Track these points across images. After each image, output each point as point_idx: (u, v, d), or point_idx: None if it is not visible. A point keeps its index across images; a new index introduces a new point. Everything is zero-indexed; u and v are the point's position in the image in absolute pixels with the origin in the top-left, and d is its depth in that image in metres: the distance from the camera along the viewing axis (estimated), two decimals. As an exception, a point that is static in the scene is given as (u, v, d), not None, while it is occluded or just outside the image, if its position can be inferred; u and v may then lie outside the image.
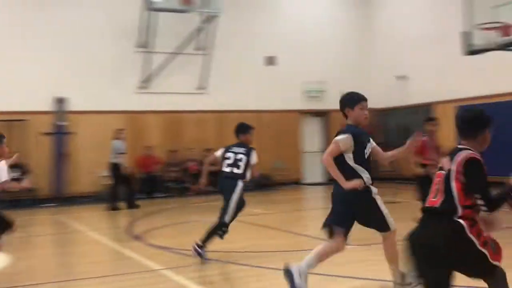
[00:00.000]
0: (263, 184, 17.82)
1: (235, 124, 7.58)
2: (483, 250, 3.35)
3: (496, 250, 3.46)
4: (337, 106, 5.22)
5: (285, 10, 19.46)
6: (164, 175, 16.80)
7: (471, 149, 3.51)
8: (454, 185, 3.41)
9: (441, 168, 3.57)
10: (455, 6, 13.55)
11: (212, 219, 11.21)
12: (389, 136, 19.69)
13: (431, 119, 9.23)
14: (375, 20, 20.43)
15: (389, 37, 19.68)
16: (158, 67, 17.09)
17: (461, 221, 3.35)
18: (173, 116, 17.49)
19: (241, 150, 7.28)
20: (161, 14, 16.51)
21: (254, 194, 16.40)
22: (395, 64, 19.34)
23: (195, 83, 17.72)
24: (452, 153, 3.54)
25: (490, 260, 3.39)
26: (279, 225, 9.66)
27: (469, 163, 3.41)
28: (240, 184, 7.09)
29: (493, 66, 15.40)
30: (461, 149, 3.51)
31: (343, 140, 4.82)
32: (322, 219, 5.13)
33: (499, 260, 3.46)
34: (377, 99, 20.17)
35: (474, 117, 3.57)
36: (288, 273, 4.90)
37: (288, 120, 19.15)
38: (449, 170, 3.45)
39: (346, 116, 5.08)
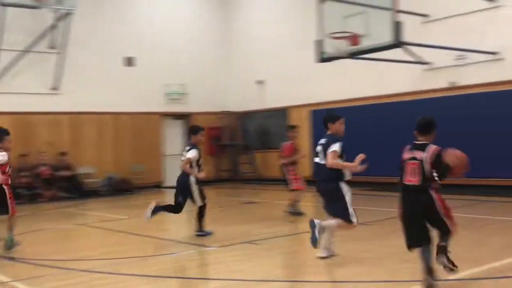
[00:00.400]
0: (122, 188, 17.37)
1: (91, 126, 7.42)
2: (443, 212, 5.02)
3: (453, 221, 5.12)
4: (198, 108, 5.30)
5: (145, 11, 19.13)
6: (14, 180, 15.65)
7: (430, 143, 5.18)
8: (428, 168, 5.01)
9: (412, 158, 5.14)
10: (311, 14, 14.22)
11: (65, 226, 10.66)
12: (249, 138, 20.18)
13: (293, 127, 10.98)
14: (235, 24, 20.82)
15: (249, 41, 20.16)
16: (7, 65, 15.93)
17: (432, 192, 5.01)
18: (23, 118, 16.37)
19: (187, 148, 8.47)
20: (11, 9, 15.42)
21: (114, 199, 15.92)
22: (253, 68, 19.86)
23: (48, 83, 16.76)
24: (421, 147, 5.14)
25: (448, 222, 5.05)
26: (139, 230, 9.45)
27: (437, 153, 5.05)
28: (191, 179, 8.28)
29: (344, 73, 16.42)
30: (426, 144, 5.16)
31: (339, 147, 6.40)
32: (183, 223, 5.07)
33: (455, 227, 5.08)
34: (236, 103, 20.60)
35: (430, 121, 5.32)
36: (312, 224, 6.33)
37: (149, 123, 18.86)
38: (421, 159, 5.05)
39: (327, 128, 6.65)
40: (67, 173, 16.48)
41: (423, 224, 5.05)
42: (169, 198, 16.84)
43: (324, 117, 6.80)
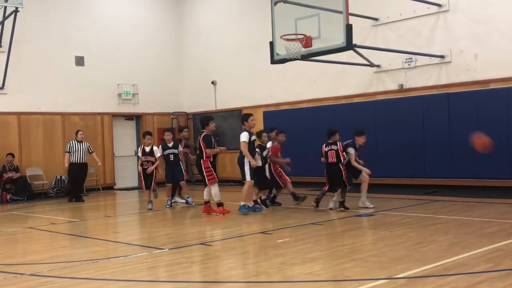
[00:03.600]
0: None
1: (40, 126, 7.14)
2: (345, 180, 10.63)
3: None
4: (150, 109, 5.22)
5: (96, 9, 18.81)
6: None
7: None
8: (340, 153, 10.57)
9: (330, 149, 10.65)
10: (264, 16, 14.28)
11: (12, 229, 10.41)
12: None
13: (282, 131, 12.31)
14: (188, 24, 20.70)
15: (202, 42, 20.08)
16: (-51, 63, 15.40)
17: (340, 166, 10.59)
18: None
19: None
20: (-47, 4, 14.89)
21: (63, 201, 15.55)
22: (207, 69, 19.79)
23: (-7, 82, 16.27)
24: (334, 143, 10.67)
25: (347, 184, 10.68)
26: (89, 233, 9.27)
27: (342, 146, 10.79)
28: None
29: (297, 75, 16.56)
30: (336, 142, 10.64)
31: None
32: (134, 226, 5.00)
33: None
34: (189, 103, 20.48)
35: (335, 130, 10.67)
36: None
37: (100, 123, 18.53)
38: (337, 149, 10.58)
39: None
40: (15, 175, 16.04)
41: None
42: (119, 200, 16.66)
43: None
